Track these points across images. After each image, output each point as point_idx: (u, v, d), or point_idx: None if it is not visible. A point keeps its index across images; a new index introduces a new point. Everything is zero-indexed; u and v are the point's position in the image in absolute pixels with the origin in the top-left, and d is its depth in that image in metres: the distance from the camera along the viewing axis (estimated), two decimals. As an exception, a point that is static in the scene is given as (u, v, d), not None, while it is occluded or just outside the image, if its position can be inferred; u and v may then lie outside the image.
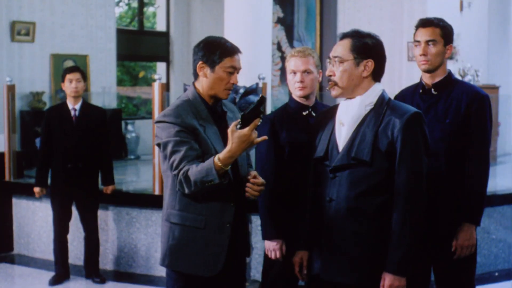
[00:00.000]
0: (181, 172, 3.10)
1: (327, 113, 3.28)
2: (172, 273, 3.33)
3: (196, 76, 3.37)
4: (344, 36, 3.11)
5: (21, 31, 9.43)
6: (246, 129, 2.97)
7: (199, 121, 3.24)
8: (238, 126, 2.97)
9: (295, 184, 3.56)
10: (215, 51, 3.31)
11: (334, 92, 3.08)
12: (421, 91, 3.75)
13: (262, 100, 2.97)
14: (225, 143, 3.18)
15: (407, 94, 3.83)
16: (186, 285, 3.30)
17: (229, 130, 3.01)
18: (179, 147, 3.14)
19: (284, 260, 3.69)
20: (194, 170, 3.06)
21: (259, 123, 2.93)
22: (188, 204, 3.24)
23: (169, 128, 3.18)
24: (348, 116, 3.07)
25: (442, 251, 3.66)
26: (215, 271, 3.26)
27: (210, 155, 3.18)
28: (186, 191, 3.12)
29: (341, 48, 3.06)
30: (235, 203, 3.29)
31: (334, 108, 3.23)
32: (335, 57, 3.06)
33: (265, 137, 3.05)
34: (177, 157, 3.12)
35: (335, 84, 3.06)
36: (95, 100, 9.84)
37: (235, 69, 3.31)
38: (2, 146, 7.43)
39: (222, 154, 3.03)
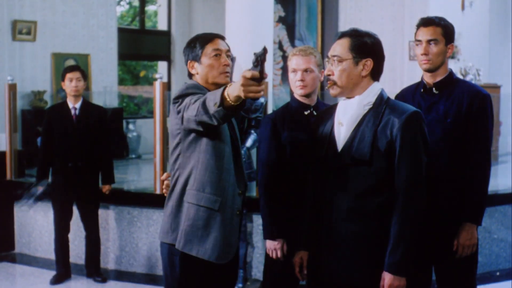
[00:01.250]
0: (201, 100, 3.01)
1: (326, 113, 3.27)
2: (181, 257, 3.31)
3: (190, 76, 3.44)
4: (343, 35, 3.10)
5: (23, 30, 9.44)
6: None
7: None
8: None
9: (297, 184, 3.55)
10: (195, 45, 3.39)
11: (333, 91, 3.08)
12: (422, 90, 3.74)
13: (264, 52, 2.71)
14: (231, 132, 3.33)
15: (408, 94, 3.82)
16: (194, 269, 3.31)
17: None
18: (200, 96, 3.08)
19: (285, 259, 3.69)
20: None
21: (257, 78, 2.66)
22: (205, 185, 3.26)
23: (191, 96, 3.17)
24: (347, 116, 3.07)
25: (443, 250, 3.65)
26: (227, 259, 3.31)
27: (224, 134, 3.27)
28: (205, 118, 2.99)
29: (340, 48, 3.05)
30: (242, 192, 3.37)
31: (333, 107, 3.22)
32: (333, 56, 3.05)
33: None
34: (199, 99, 3.04)
35: (334, 83, 3.05)
36: (97, 99, 9.85)
37: (220, 51, 3.34)
38: (3, 145, 7.43)
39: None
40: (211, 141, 3.25)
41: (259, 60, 2.57)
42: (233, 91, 2.74)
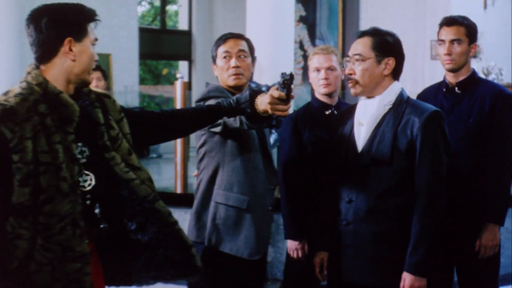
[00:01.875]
0: None
1: (346, 113, 3.27)
2: (213, 254, 3.36)
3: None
4: (364, 34, 3.09)
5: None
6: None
7: None
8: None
9: (318, 183, 3.54)
10: (213, 48, 3.45)
11: (355, 90, 3.06)
12: (444, 90, 3.72)
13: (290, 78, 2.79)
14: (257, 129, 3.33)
15: (430, 93, 3.80)
16: (227, 266, 3.36)
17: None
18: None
19: (306, 259, 3.68)
20: None
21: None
22: (232, 185, 3.32)
23: (214, 99, 3.20)
24: (367, 116, 3.06)
25: (465, 251, 3.63)
26: (260, 254, 3.37)
27: (250, 135, 3.31)
28: (236, 124, 3.06)
29: (362, 46, 3.04)
30: (275, 187, 3.37)
31: (353, 107, 3.22)
32: (355, 55, 3.04)
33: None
34: None
35: (356, 82, 3.04)
36: (118, 99, 9.77)
37: (230, 53, 3.38)
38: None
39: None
40: (236, 141, 3.28)
41: (286, 83, 2.62)
42: (261, 104, 2.76)
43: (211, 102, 3.10)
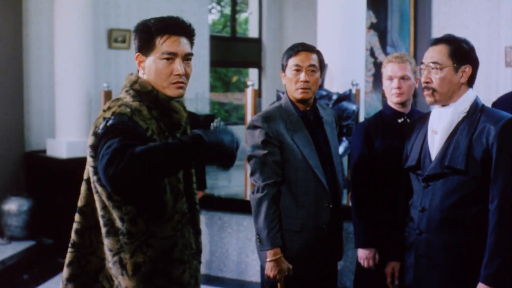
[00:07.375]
0: (258, 193, 3.37)
1: (418, 121, 3.23)
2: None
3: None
4: (439, 41, 3.04)
5: (118, 39, 9.67)
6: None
7: (288, 126, 3.32)
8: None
9: (389, 192, 3.51)
10: (284, 56, 3.44)
11: (431, 99, 3.01)
12: (521, 97, 3.65)
13: None
14: (316, 147, 3.37)
15: (506, 101, 3.72)
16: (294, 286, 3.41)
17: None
18: (261, 156, 3.35)
19: (376, 269, 3.65)
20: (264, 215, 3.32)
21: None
22: (286, 208, 3.32)
23: (256, 135, 3.36)
24: (441, 124, 3.02)
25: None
26: (314, 272, 3.41)
27: (295, 158, 3.33)
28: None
29: (439, 54, 2.99)
30: (332, 204, 3.33)
31: (426, 115, 3.18)
32: (433, 63, 3.00)
33: None
34: (257, 167, 3.37)
35: (433, 91, 2.99)
36: (189, 106, 9.93)
37: (301, 67, 3.38)
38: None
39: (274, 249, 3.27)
40: (281, 170, 3.37)
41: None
42: (267, 249, 3.25)
43: (256, 137, 3.38)
